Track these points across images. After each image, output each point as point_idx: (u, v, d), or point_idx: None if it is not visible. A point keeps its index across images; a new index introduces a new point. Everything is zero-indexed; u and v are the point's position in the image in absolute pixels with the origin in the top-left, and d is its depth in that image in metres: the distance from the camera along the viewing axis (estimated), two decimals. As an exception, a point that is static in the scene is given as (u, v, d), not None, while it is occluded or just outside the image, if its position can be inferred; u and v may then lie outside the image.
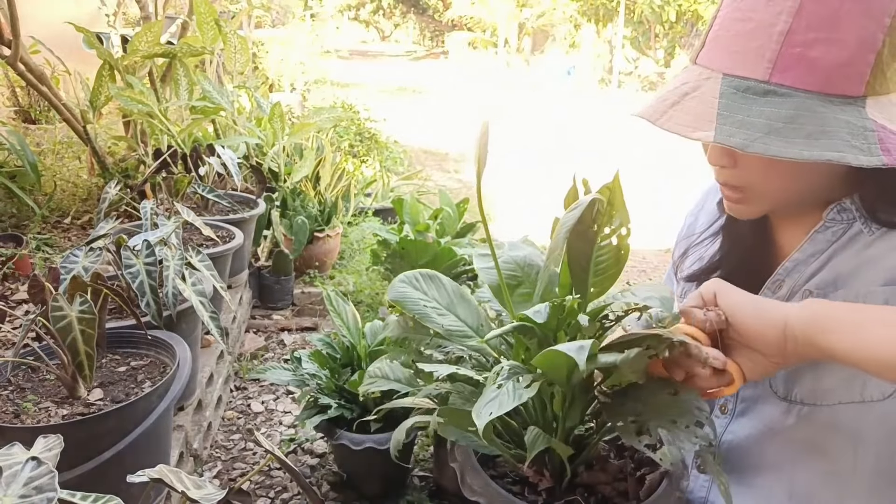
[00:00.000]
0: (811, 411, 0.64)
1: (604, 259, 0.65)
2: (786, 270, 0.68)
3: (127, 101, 2.28)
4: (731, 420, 0.72)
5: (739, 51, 0.58)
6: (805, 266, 0.66)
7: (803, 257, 0.66)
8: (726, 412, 0.72)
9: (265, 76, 6.10)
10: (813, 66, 0.55)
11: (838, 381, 0.62)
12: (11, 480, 0.55)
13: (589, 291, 0.65)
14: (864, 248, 0.63)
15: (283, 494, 1.63)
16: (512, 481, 0.70)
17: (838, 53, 0.55)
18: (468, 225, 2.64)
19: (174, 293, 1.35)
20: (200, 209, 2.29)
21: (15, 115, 3.15)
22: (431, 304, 0.71)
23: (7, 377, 1.18)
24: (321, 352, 1.64)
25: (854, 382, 0.61)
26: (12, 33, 2.05)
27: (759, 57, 0.56)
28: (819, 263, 0.65)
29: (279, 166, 2.82)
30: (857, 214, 0.63)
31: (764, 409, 0.68)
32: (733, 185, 0.64)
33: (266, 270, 2.63)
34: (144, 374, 1.24)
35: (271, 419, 1.98)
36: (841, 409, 0.63)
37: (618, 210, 0.64)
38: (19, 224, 2.53)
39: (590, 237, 0.65)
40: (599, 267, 0.65)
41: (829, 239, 0.65)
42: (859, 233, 0.63)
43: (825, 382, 0.63)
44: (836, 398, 0.63)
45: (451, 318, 0.71)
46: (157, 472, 0.65)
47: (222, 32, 2.58)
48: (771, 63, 0.56)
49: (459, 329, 0.70)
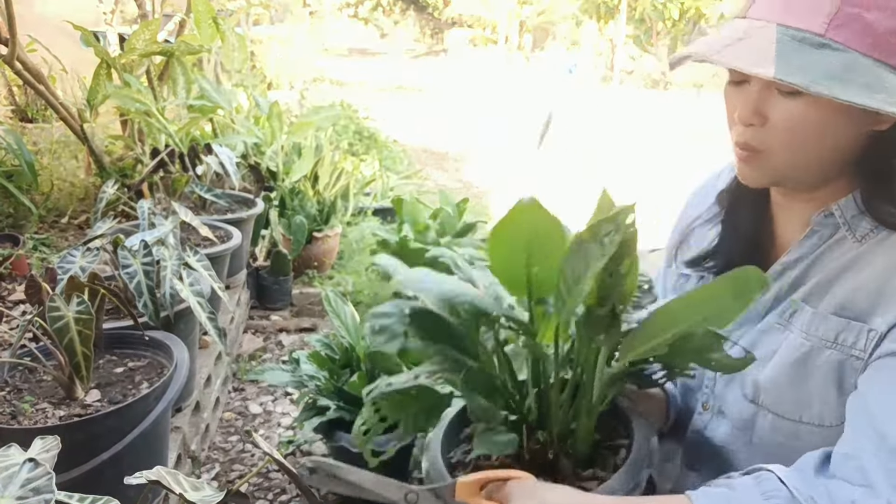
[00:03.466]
0: (776, 420, 0.66)
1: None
2: (774, 274, 0.69)
3: (124, 99, 2.28)
4: (712, 417, 0.73)
5: (795, 3, 0.58)
6: (791, 270, 0.68)
7: (790, 261, 0.68)
8: (707, 409, 0.73)
9: (263, 74, 6.09)
10: (867, 28, 0.56)
11: (798, 400, 0.64)
12: (8, 482, 0.55)
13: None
14: (846, 252, 0.64)
15: (281, 496, 1.62)
16: None
17: (892, 22, 0.56)
18: (468, 225, 2.63)
19: (171, 293, 1.35)
20: (198, 209, 2.28)
21: (12, 114, 3.14)
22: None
23: (4, 378, 1.17)
24: (320, 353, 1.63)
25: (812, 407, 0.63)
26: (9, 32, 2.04)
27: (816, 11, 0.57)
28: (804, 267, 0.67)
29: (277, 165, 2.82)
30: (840, 221, 0.65)
31: (734, 409, 0.70)
32: (753, 146, 0.64)
33: (264, 271, 2.62)
34: (142, 375, 1.23)
35: (269, 421, 1.97)
36: (803, 428, 0.64)
37: (630, 253, 0.61)
38: (16, 224, 2.52)
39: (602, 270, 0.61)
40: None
41: (816, 244, 0.67)
42: (843, 238, 0.65)
43: (786, 397, 0.65)
44: (797, 415, 0.64)
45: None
46: (154, 473, 0.65)
47: (220, 30, 2.57)
48: (828, 18, 0.56)
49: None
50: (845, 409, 0.61)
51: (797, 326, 0.66)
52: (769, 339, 0.68)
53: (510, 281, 0.64)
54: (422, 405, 0.69)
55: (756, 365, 0.66)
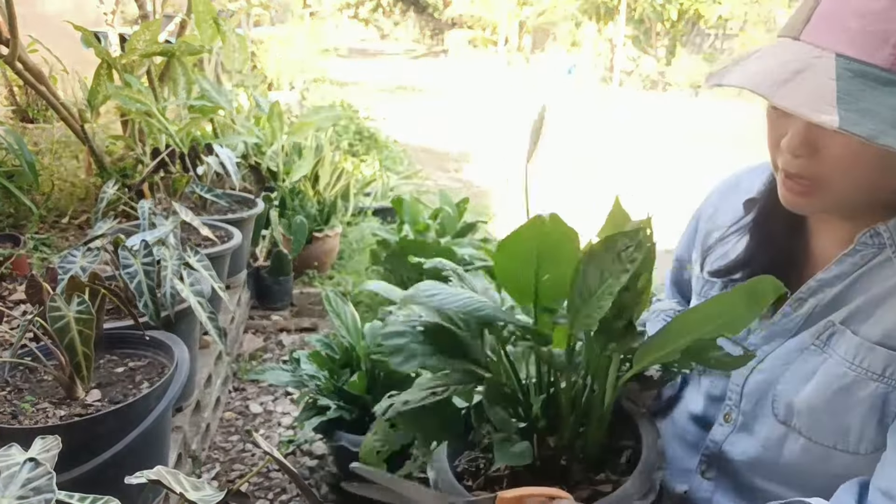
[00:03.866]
0: (808, 444, 0.63)
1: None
2: (809, 290, 0.66)
3: (125, 100, 2.28)
4: (733, 430, 0.71)
5: (858, 31, 0.53)
6: (830, 287, 0.65)
7: (828, 278, 0.65)
8: (729, 421, 0.71)
9: (264, 75, 6.09)
10: None
11: (836, 427, 0.62)
12: (9, 482, 0.55)
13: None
14: (892, 276, 0.61)
15: (281, 496, 1.62)
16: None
17: None
18: (468, 225, 2.63)
19: (172, 293, 1.35)
20: (199, 209, 2.28)
21: (12, 115, 3.14)
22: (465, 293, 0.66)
23: (5, 378, 1.17)
24: (320, 352, 1.63)
25: (849, 435, 0.61)
26: (10, 32, 2.04)
27: (882, 41, 0.51)
28: (843, 287, 0.64)
29: (278, 165, 2.82)
30: (889, 242, 0.61)
31: (762, 429, 0.67)
32: (803, 177, 0.59)
33: (265, 270, 2.62)
34: (142, 375, 1.23)
35: (270, 420, 1.97)
36: (836, 454, 0.62)
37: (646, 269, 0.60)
38: (17, 224, 2.52)
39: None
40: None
41: (857, 262, 0.63)
42: (888, 259, 0.62)
43: (824, 423, 0.62)
44: (832, 441, 0.62)
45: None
46: (155, 473, 0.65)
47: (221, 31, 2.57)
48: (895, 49, 0.51)
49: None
50: (885, 439, 0.59)
51: (838, 352, 0.63)
52: (805, 360, 0.65)
53: (517, 289, 0.64)
54: (438, 419, 0.69)
55: (790, 386, 0.64)
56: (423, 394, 0.67)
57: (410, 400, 0.67)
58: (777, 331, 0.68)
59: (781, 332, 0.68)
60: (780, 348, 0.67)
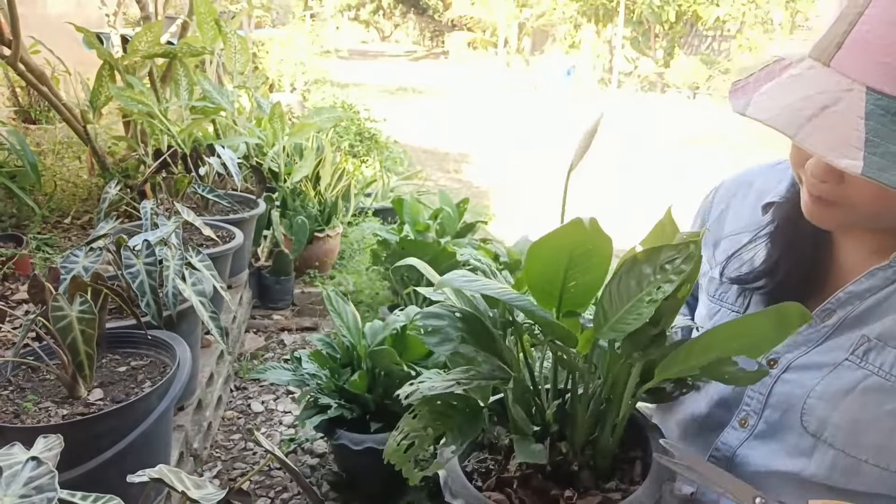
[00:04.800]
0: (836, 457, 0.62)
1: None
2: (838, 301, 0.64)
3: (127, 101, 2.28)
4: (750, 436, 0.70)
5: (893, 65, 0.49)
6: (860, 300, 0.63)
7: (858, 290, 0.63)
8: (746, 426, 0.70)
9: (265, 76, 6.10)
10: None
11: (875, 443, 0.61)
12: (11, 480, 0.56)
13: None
14: None
15: (283, 494, 1.63)
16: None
17: None
18: (468, 225, 2.64)
19: (174, 293, 1.35)
20: (200, 209, 2.28)
21: (15, 115, 3.14)
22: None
23: (7, 377, 1.18)
24: (321, 352, 1.64)
25: (887, 450, 0.60)
26: (12, 33, 2.05)
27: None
28: (875, 301, 0.62)
29: (279, 166, 2.82)
30: None
31: (787, 438, 0.66)
32: (830, 200, 0.58)
33: (266, 270, 2.63)
34: (144, 374, 1.24)
35: (271, 419, 1.98)
36: (865, 468, 0.61)
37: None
38: (19, 224, 2.53)
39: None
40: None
41: (890, 277, 0.62)
42: None
43: (863, 438, 0.62)
44: (865, 455, 0.61)
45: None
46: (157, 471, 0.65)
47: (222, 32, 2.58)
48: None
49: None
50: None
51: (883, 367, 0.61)
52: (840, 375, 0.63)
53: (542, 292, 0.63)
54: (465, 416, 0.66)
55: (825, 401, 0.63)
56: (448, 382, 0.65)
57: (436, 386, 0.65)
58: (801, 340, 0.67)
59: (806, 342, 0.67)
60: (803, 357, 0.66)
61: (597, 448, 0.67)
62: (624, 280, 0.58)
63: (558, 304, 0.64)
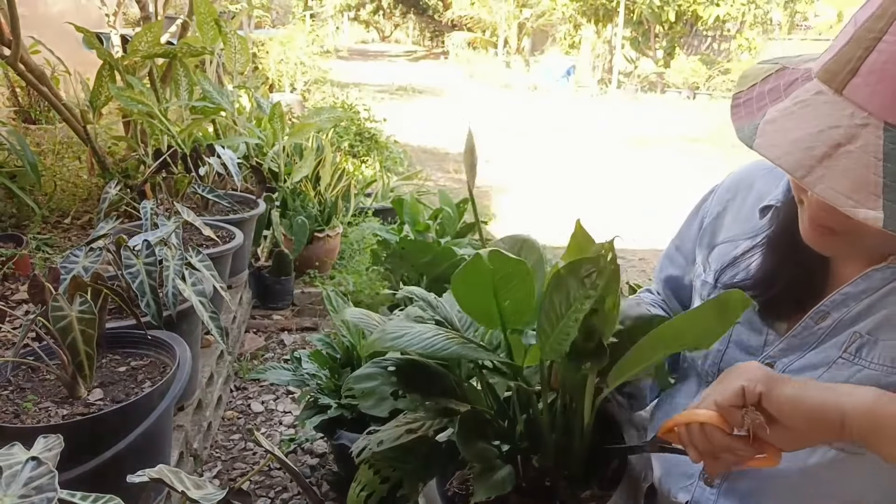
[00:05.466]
0: (839, 454, 0.63)
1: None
2: (833, 303, 0.64)
3: (127, 101, 2.28)
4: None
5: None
6: (855, 302, 0.63)
7: (855, 292, 0.63)
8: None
9: (265, 76, 6.10)
10: None
11: None
12: (11, 480, 0.56)
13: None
14: None
15: (283, 494, 1.63)
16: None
17: None
18: (468, 225, 2.64)
19: (174, 293, 1.35)
20: (200, 209, 2.29)
21: (15, 115, 3.15)
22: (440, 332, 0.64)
23: (7, 377, 1.18)
24: (321, 352, 1.64)
25: None
26: (12, 33, 2.05)
27: None
28: (870, 302, 0.62)
29: (279, 166, 2.82)
30: None
31: None
32: (832, 228, 0.56)
33: (266, 270, 2.63)
34: (144, 374, 1.24)
35: (271, 419, 1.98)
36: (864, 459, 0.61)
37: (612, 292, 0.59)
38: (19, 224, 2.53)
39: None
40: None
41: (887, 278, 0.61)
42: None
43: None
44: (866, 450, 0.61)
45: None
46: (156, 471, 0.65)
47: (222, 33, 2.58)
48: None
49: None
50: None
51: (874, 360, 0.61)
52: (834, 374, 0.63)
53: (482, 316, 0.64)
54: (422, 456, 0.66)
55: None
56: (399, 431, 0.64)
57: (385, 439, 0.64)
58: (796, 343, 0.67)
59: (801, 345, 0.67)
60: (798, 361, 0.66)
61: (569, 457, 0.67)
62: (555, 296, 0.58)
63: (501, 322, 0.64)
